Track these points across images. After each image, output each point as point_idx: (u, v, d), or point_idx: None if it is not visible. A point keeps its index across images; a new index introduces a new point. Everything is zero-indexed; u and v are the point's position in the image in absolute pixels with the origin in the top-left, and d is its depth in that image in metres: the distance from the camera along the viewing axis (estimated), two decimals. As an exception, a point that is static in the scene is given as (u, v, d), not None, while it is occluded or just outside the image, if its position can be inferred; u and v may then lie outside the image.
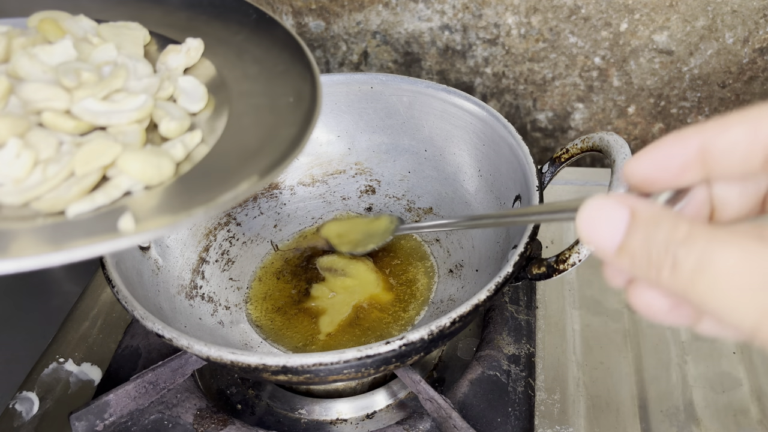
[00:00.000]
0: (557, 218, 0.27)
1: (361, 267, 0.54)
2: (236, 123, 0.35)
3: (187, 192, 0.30)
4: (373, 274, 0.53)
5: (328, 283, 0.53)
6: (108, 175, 0.30)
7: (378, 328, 0.50)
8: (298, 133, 0.33)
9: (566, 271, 0.41)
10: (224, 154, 0.33)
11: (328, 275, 0.54)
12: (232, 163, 0.32)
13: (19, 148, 0.28)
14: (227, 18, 0.41)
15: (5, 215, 0.28)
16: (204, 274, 0.53)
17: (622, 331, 0.53)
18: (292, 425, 0.48)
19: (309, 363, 0.35)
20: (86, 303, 0.59)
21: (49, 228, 0.27)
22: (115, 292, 0.40)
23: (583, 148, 0.46)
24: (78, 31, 0.36)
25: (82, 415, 0.45)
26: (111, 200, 0.28)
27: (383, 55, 0.71)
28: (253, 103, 0.36)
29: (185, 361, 0.47)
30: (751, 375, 0.50)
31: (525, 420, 0.45)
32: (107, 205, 0.28)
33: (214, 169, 0.31)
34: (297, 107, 0.35)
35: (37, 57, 0.31)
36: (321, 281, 0.53)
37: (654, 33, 0.65)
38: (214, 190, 0.29)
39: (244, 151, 0.33)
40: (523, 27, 0.67)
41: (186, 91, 0.36)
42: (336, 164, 0.60)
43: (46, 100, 0.30)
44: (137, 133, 0.32)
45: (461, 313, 0.37)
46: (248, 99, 0.37)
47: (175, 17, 0.41)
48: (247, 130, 0.35)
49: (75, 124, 0.31)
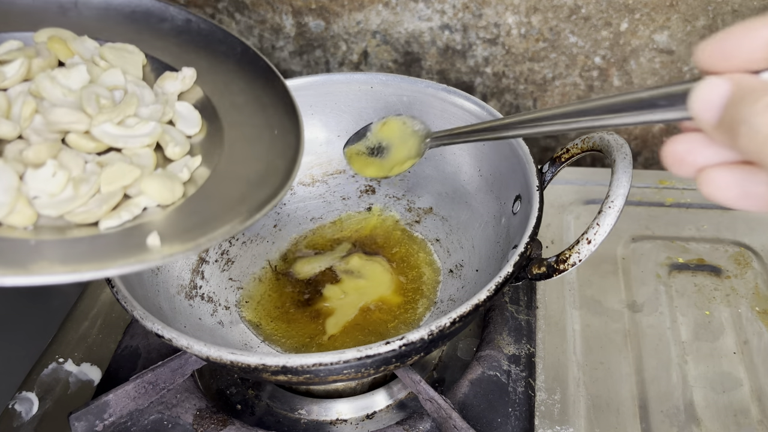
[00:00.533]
0: (655, 118, 0.28)
1: (377, 268, 0.54)
2: (230, 151, 0.39)
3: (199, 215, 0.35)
4: (387, 275, 0.53)
5: (343, 285, 0.53)
6: (128, 194, 0.35)
7: (383, 329, 0.50)
8: (288, 165, 0.38)
9: (566, 271, 0.41)
10: (224, 179, 0.37)
11: (344, 277, 0.54)
12: (232, 190, 0.36)
13: (56, 168, 0.33)
14: (215, 49, 0.44)
15: (43, 224, 0.32)
16: (204, 274, 0.53)
17: (622, 331, 0.53)
18: (291, 425, 0.48)
19: (309, 363, 0.35)
20: (86, 303, 0.59)
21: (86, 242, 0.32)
22: (115, 292, 0.40)
23: (583, 148, 0.46)
24: (84, 52, 0.39)
25: (82, 415, 0.45)
26: (133, 216, 0.34)
27: (383, 55, 0.71)
28: (244, 132, 0.40)
29: (185, 362, 0.47)
30: (752, 375, 0.50)
31: (525, 420, 0.45)
32: (130, 220, 0.34)
33: (217, 195, 0.36)
34: (283, 139, 0.40)
35: (57, 80, 0.36)
36: (335, 283, 0.53)
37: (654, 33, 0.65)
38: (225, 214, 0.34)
39: (242, 178, 0.37)
40: (523, 27, 0.67)
41: (183, 116, 0.40)
42: (336, 164, 0.60)
43: (71, 123, 0.35)
44: (150, 156, 0.37)
45: (461, 313, 0.36)
46: (239, 128, 0.41)
47: (166, 42, 0.44)
48: (240, 158, 0.39)
49: (95, 145, 0.35)
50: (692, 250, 0.60)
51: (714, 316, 0.54)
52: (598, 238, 0.39)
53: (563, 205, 0.65)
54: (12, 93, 0.36)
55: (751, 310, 0.54)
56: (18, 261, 0.29)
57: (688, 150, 0.27)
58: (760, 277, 0.57)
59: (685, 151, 0.27)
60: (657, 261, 0.59)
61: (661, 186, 0.66)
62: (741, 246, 0.60)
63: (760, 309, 0.54)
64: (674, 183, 0.66)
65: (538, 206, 0.43)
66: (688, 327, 0.53)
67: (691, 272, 0.58)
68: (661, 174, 0.67)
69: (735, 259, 0.59)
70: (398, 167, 0.49)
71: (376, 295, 0.52)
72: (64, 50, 0.39)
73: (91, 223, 0.33)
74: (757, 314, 0.54)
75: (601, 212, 0.39)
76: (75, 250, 0.31)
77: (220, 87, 0.43)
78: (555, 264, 0.41)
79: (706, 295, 0.56)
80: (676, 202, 0.64)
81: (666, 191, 0.66)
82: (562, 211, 0.64)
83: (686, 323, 0.54)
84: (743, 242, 0.60)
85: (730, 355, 0.51)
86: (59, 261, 0.30)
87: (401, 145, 0.49)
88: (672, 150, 0.27)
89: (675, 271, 0.58)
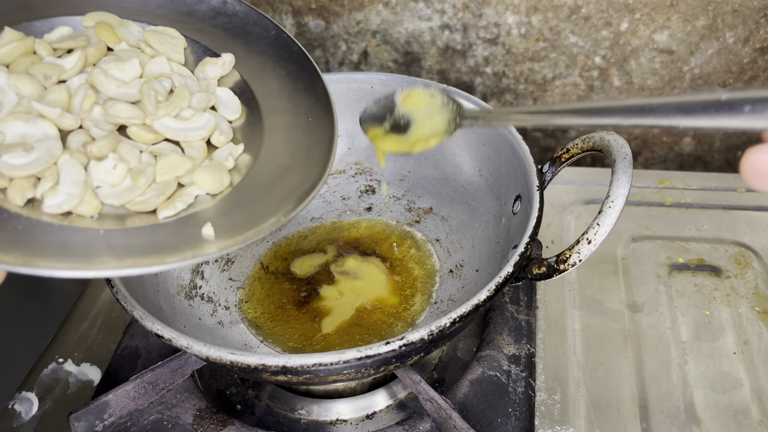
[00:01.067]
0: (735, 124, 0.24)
1: (373, 269, 0.54)
2: (270, 139, 0.40)
3: (245, 205, 0.36)
4: (383, 276, 0.53)
5: (339, 285, 0.53)
6: (181, 183, 0.37)
7: (380, 328, 0.50)
8: (324, 154, 0.39)
9: (567, 271, 0.41)
10: (265, 168, 0.39)
11: (340, 278, 0.54)
12: (275, 179, 0.38)
13: (116, 161, 0.35)
14: (249, 31, 0.45)
15: (106, 212, 0.35)
16: (203, 274, 0.53)
17: (622, 332, 0.53)
18: (291, 426, 0.48)
19: (309, 363, 0.35)
20: (85, 303, 0.59)
21: (148, 231, 0.34)
22: (115, 292, 0.40)
23: (583, 148, 0.46)
24: (130, 38, 0.41)
25: (82, 415, 0.45)
26: (186, 206, 0.36)
27: (383, 55, 0.71)
28: (281, 119, 0.41)
29: (185, 362, 0.47)
30: (752, 375, 0.50)
31: (525, 420, 0.45)
32: (184, 209, 0.36)
33: (261, 184, 0.38)
34: (317, 127, 0.41)
35: (110, 74, 0.38)
36: (332, 283, 0.53)
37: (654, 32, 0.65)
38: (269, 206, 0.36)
39: (283, 167, 0.39)
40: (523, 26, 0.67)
41: (224, 102, 0.41)
42: (336, 164, 0.60)
43: (129, 117, 0.37)
44: (202, 148, 0.38)
45: (461, 313, 0.36)
46: (276, 115, 0.41)
47: (203, 24, 0.45)
48: (280, 146, 0.40)
49: (154, 137, 0.38)
50: (692, 250, 0.60)
51: (714, 316, 0.54)
52: (598, 238, 0.39)
53: (563, 205, 0.65)
54: (71, 85, 0.38)
55: (751, 310, 0.54)
56: (92, 255, 0.32)
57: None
58: (761, 277, 0.57)
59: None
60: (657, 261, 0.59)
61: (661, 186, 0.66)
62: (741, 246, 0.60)
63: (761, 309, 0.54)
64: (674, 183, 0.66)
65: (538, 206, 0.43)
66: (689, 327, 0.53)
67: (691, 272, 0.58)
68: (661, 174, 0.67)
69: (735, 259, 0.58)
70: (422, 144, 0.42)
71: (372, 296, 0.52)
72: (112, 37, 0.40)
73: (149, 212, 0.36)
74: (758, 314, 0.54)
75: (602, 212, 0.39)
76: (139, 241, 0.33)
77: (257, 71, 0.43)
78: (555, 264, 0.41)
79: (707, 295, 0.56)
80: (676, 202, 0.64)
81: (666, 191, 0.66)
82: (562, 211, 0.64)
83: (686, 323, 0.54)
84: (743, 242, 0.60)
85: (731, 355, 0.51)
86: (129, 254, 0.32)
87: (426, 119, 0.42)
88: (754, 161, 0.24)
89: (675, 271, 0.58)
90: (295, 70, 0.44)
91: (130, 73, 0.39)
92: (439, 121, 0.41)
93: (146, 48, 0.41)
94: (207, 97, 0.40)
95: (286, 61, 0.44)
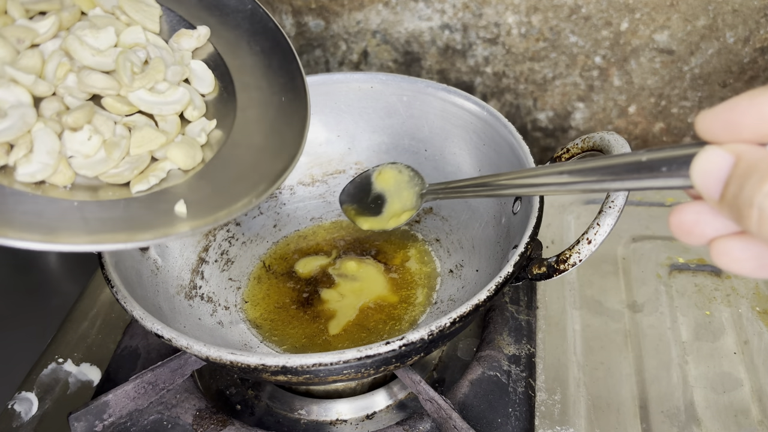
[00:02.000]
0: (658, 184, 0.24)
1: (371, 271, 0.54)
2: (242, 116, 0.40)
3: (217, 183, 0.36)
4: (382, 277, 0.53)
5: (339, 287, 0.53)
6: (154, 156, 0.37)
7: (380, 329, 0.50)
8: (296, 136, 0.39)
9: (567, 271, 0.41)
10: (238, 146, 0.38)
11: (340, 280, 0.54)
12: (247, 158, 0.38)
13: (91, 132, 0.35)
14: (225, 3, 0.44)
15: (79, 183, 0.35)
16: (203, 274, 0.52)
17: (622, 332, 0.53)
18: (291, 426, 0.48)
19: (308, 363, 0.35)
20: (85, 303, 0.59)
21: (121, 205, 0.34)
22: (114, 292, 0.40)
23: (583, 148, 0.46)
24: (105, 3, 0.40)
25: (81, 415, 0.45)
26: (158, 180, 0.36)
27: (383, 55, 0.71)
28: (254, 96, 0.41)
29: (184, 362, 0.47)
30: (752, 375, 0.50)
31: (525, 420, 0.45)
32: (157, 184, 0.36)
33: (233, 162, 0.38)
34: (290, 107, 0.40)
35: (85, 41, 0.37)
36: (332, 286, 0.53)
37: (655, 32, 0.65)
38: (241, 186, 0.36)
39: (255, 147, 0.38)
40: (523, 26, 0.66)
41: (197, 75, 0.41)
42: (336, 164, 0.60)
43: (104, 88, 0.37)
44: (176, 122, 0.38)
45: (461, 313, 0.36)
46: (249, 92, 0.41)
47: None
48: (252, 124, 0.39)
49: (128, 108, 0.37)
50: (692, 249, 0.59)
51: (714, 316, 0.54)
52: (598, 238, 0.39)
53: (563, 205, 0.65)
54: (45, 50, 0.37)
55: (751, 310, 0.54)
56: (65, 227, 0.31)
57: (696, 221, 0.24)
58: (761, 277, 0.57)
59: (692, 222, 0.24)
60: (657, 261, 0.59)
61: (662, 186, 0.66)
62: (741, 246, 0.59)
63: (761, 309, 0.54)
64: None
65: (538, 206, 0.43)
66: (689, 327, 0.53)
67: (691, 272, 0.58)
68: (661, 174, 0.67)
69: (735, 259, 0.58)
70: (395, 220, 0.49)
71: (371, 296, 0.52)
72: (87, 1, 0.40)
73: (121, 184, 0.35)
74: (758, 314, 0.54)
75: (602, 212, 0.39)
76: (113, 215, 0.33)
77: (231, 45, 0.43)
78: (555, 264, 0.41)
79: (707, 295, 0.56)
80: (676, 202, 0.64)
81: (666, 191, 0.66)
82: (562, 211, 0.64)
83: (686, 323, 0.54)
84: (744, 242, 0.60)
85: (731, 355, 0.51)
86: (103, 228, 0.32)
87: (396, 196, 0.49)
88: (678, 220, 0.24)
89: (675, 271, 0.58)
90: (269, 47, 0.43)
91: (105, 42, 0.38)
92: (407, 197, 0.48)
93: (121, 15, 0.40)
94: (181, 70, 0.40)
95: (261, 36, 0.43)
